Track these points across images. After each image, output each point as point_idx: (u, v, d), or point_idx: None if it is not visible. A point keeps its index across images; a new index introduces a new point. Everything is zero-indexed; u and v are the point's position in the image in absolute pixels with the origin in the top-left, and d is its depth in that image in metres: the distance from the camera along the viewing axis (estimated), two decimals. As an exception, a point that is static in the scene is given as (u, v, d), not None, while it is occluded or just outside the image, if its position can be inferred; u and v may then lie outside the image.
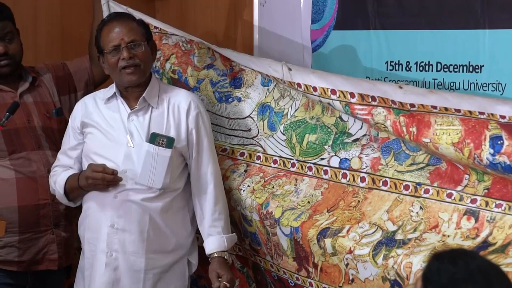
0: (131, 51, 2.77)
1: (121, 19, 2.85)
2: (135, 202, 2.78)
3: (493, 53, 2.80)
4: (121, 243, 2.79)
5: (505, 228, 2.28)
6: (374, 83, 2.65)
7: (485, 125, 2.29)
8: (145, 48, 2.80)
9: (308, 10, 3.38)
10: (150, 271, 2.82)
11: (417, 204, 2.52)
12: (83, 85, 3.27)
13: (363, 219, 2.60)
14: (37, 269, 3.04)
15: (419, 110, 2.45)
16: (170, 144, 2.74)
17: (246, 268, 3.14)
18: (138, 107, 2.83)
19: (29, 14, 3.75)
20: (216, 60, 3.19)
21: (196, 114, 2.86)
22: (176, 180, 2.84)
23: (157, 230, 2.82)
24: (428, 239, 2.41)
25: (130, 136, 2.80)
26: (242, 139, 3.10)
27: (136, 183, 2.77)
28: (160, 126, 2.82)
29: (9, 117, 2.84)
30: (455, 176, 2.45)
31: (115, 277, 2.80)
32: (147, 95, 2.82)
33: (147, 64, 2.83)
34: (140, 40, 2.80)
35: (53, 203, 3.03)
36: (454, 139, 2.34)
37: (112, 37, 2.79)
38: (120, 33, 2.79)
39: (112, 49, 2.78)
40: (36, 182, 3.01)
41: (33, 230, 2.99)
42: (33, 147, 3.04)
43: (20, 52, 3.09)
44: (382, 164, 2.63)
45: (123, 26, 2.80)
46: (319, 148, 2.83)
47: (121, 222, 2.79)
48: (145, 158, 2.74)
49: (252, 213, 2.91)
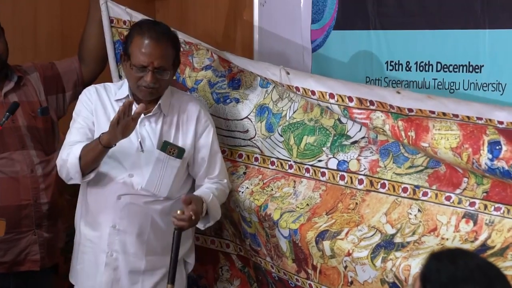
0: (156, 75, 2.72)
1: (158, 39, 2.73)
2: (138, 205, 2.78)
3: (493, 53, 2.79)
4: (122, 244, 2.79)
5: (503, 231, 2.28)
6: (372, 87, 2.65)
7: (483, 130, 2.28)
8: (170, 75, 2.77)
9: (308, 10, 3.37)
10: (149, 272, 2.83)
11: (415, 206, 2.51)
12: (72, 85, 3.25)
13: (362, 222, 2.59)
14: (19, 270, 3.02)
15: (417, 114, 2.45)
16: (181, 155, 2.75)
17: (247, 268, 3.15)
18: (152, 113, 2.81)
19: (29, 14, 3.75)
20: (215, 61, 3.18)
21: (205, 122, 2.86)
22: (180, 188, 2.85)
23: (158, 232, 2.82)
24: (427, 242, 2.41)
25: (142, 141, 2.78)
26: (239, 140, 3.10)
27: (141, 189, 2.77)
28: (169, 134, 2.81)
29: (9, 117, 2.84)
30: (454, 179, 2.44)
31: (114, 277, 2.81)
32: (163, 103, 2.81)
33: (165, 87, 2.81)
34: (168, 68, 2.75)
35: (36, 204, 3.02)
36: (453, 144, 2.33)
37: (143, 56, 2.71)
38: (152, 55, 2.71)
39: (139, 66, 2.72)
40: (18, 182, 2.99)
41: (14, 231, 2.96)
42: (16, 147, 3.01)
43: (6, 51, 3.05)
44: (381, 166, 2.63)
45: (157, 48, 2.72)
46: (317, 150, 2.83)
47: (123, 223, 2.79)
48: (154, 165, 2.75)
49: (251, 215, 2.91)
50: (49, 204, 3.06)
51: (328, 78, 2.78)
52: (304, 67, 3.38)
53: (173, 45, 2.79)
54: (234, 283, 3.20)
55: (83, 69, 3.27)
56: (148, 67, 2.71)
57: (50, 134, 3.14)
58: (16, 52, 3.28)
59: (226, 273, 3.20)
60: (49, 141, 3.13)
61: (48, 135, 3.12)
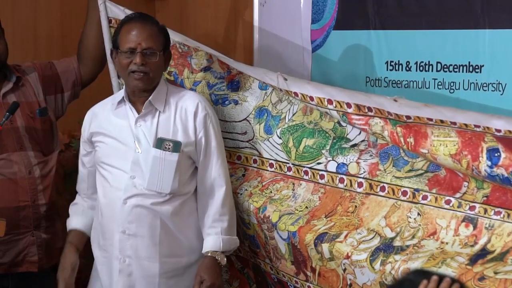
0: (145, 58, 2.72)
1: (144, 22, 2.78)
2: (145, 207, 2.76)
3: (493, 53, 2.79)
4: (134, 249, 2.78)
5: (503, 235, 2.26)
6: (369, 95, 2.63)
7: (482, 137, 2.26)
8: (159, 58, 2.76)
9: (308, 10, 3.37)
10: (164, 275, 2.80)
11: (415, 210, 2.50)
12: (71, 85, 3.25)
13: (361, 225, 2.58)
14: (17, 271, 3.01)
15: (415, 121, 2.43)
16: (177, 148, 2.74)
17: (247, 269, 3.14)
18: (144, 111, 2.80)
19: (29, 14, 3.75)
20: (214, 63, 3.17)
21: (204, 116, 2.83)
22: (185, 184, 2.82)
23: (169, 234, 2.80)
24: (427, 246, 2.39)
25: (137, 141, 2.78)
26: (237, 142, 3.08)
27: (145, 189, 2.76)
28: (167, 130, 2.79)
29: (9, 117, 2.83)
30: (454, 183, 2.43)
31: (129, 283, 2.79)
32: (153, 99, 2.79)
33: (157, 73, 2.79)
34: (156, 49, 2.75)
35: (34, 205, 3.02)
36: (452, 150, 2.32)
37: (130, 39, 2.73)
38: (139, 36, 2.73)
39: (127, 51, 2.74)
40: (16, 183, 2.98)
41: (13, 232, 2.95)
42: (15, 148, 3.01)
43: (5, 52, 3.05)
44: (380, 169, 2.62)
45: (144, 30, 2.74)
46: (316, 152, 2.82)
47: (132, 227, 2.77)
48: (152, 164, 2.74)
49: (250, 217, 2.90)
50: (47, 205, 3.06)
51: (325, 85, 2.77)
52: (304, 67, 3.38)
53: (160, 30, 2.81)
54: (233, 284, 3.19)
55: (81, 69, 3.26)
56: (136, 49, 2.72)
57: (48, 135, 3.14)
58: (16, 52, 3.28)
59: (225, 274, 3.19)
60: (47, 142, 3.13)
61: (47, 136, 3.12)
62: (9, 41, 3.10)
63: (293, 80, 2.82)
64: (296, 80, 2.83)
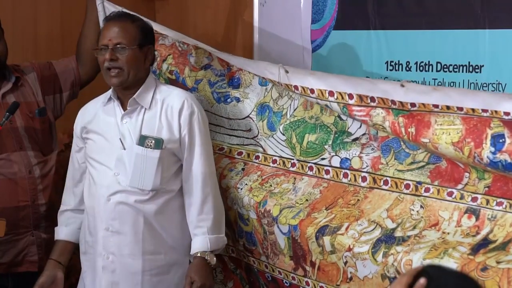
0: (115, 54, 2.75)
1: (119, 19, 2.82)
2: (128, 204, 2.77)
3: (493, 53, 2.80)
4: (117, 246, 2.78)
5: (506, 226, 2.26)
6: (375, 82, 2.63)
7: (488, 123, 2.26)
8: (131, 52, 2.75)
9: (308, 10, 3.38)
10: (147, 272, 2.80)
11: (417, 202, 2.50)
12: (69, 85, 3.26)
13: (362, 216, 2.58)
14: (17, 271, 3.02)
15: (419, 109, 2.43)
16: (158, 145, 2.74)
17: (239, 269, 3.12)
18: (129, 108, 2.81)
19: (29, 14, 3.75)
20: (213, 60, 3.17)
21: (189, 113, 2.82)
22: (170, 181, 2.82)
23: (153, 231, 2.80)
24: (428, 236, 2.39)
25: (123, 138, 2.79)
26: (242, 139, 3.09)
27: (127, 185, 2.76)
28: (152, 128, 2.79)
29: (9, 117, 2.84)
30: (455, 174, 2.43)
31: (113, 280, 2.79)
32: (137, 96, 2.80)
33: (132, 68, 2.77)
34: (127, 44, 2.75)
35: (33, 205, 3.02)
36: (454, 138, 2.32)
37: (103, 36, 2.78)
38: (110, 33, 2.77)
39: (101, 48, 2.77)
40: (16, 183, 2.99)
41: (12, 232, 2.95)
42: (14, 148, 3.01)
43: (5, 52, 3.06)
44: (383, 163, 2.62)
45: (116, 27, 2.78)
46: (319, 148, 2.82)
47: (115, 224, 2.78)
48: (135, 161, 2.74)
49: (249, 212, 2.90)
50: (47, 205, 3.06)
51: (329, 74, 2.77)
52: (304, 67, 3.38)
53: (134, 23, 2.82)
54: (228, 284, 3.18)
55: (80, 69, 3.27)
56: (108, 45, 2.75)
57: (47, 135, 3.14)
58: (16, 52, 3.29)
59: (220, 275, 3.18)
60: (46, 142, 3.13)
61: (46, 136, 3.12)
62: (9, 41, 3.11)
63: (295, 71, 2.82)
64: (298, 71, 2.83)
